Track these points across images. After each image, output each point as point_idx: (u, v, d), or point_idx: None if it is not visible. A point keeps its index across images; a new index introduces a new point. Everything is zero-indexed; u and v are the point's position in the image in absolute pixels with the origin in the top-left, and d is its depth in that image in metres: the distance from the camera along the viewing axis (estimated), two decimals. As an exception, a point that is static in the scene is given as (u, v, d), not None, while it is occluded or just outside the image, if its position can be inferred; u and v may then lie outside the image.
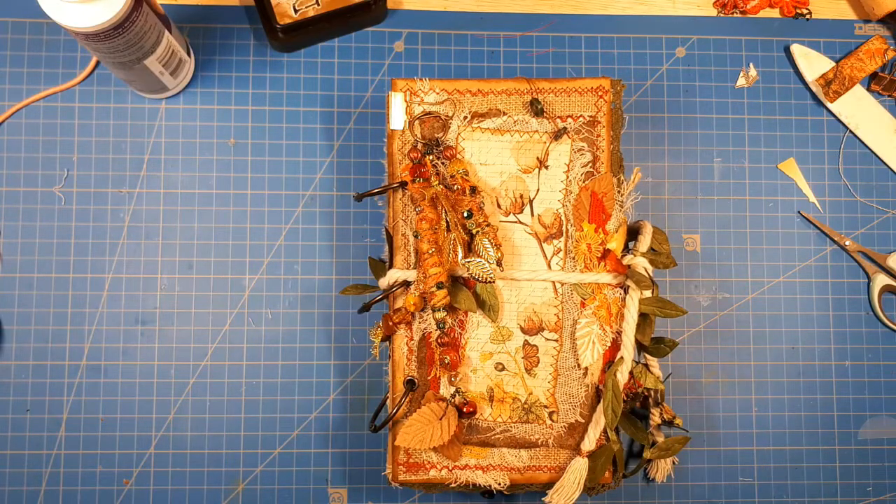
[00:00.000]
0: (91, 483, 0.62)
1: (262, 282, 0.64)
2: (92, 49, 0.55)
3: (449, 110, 0.57)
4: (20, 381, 0.62)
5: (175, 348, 0.63)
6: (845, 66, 0.66)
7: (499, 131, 0.57)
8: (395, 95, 0.56)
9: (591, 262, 0.56)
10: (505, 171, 0.57)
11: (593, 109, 0.57)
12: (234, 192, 0.64)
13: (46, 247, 0.63)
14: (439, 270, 0.53)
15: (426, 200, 0.54)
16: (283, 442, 0.63)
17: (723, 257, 0.66)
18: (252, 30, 0.66)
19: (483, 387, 0.56)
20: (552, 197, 0.57)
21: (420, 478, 0.55)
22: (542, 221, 0.56)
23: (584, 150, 0.56)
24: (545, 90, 0.57)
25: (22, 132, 0.64)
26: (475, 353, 0.56)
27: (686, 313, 0.55)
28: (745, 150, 0.67)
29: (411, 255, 0.56)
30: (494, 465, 0.56)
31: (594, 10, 0.68)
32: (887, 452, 0.65)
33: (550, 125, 0.57)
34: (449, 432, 0.53)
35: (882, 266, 0.66)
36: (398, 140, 0.57)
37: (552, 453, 0.56)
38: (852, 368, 0.66)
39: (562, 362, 0.56)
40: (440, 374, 0.55)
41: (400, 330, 0.55)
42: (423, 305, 0.55)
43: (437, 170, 0.56)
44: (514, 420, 0.55)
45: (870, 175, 0.67)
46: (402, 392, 0.55)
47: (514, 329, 0.56)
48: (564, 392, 0.56)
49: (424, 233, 0.53)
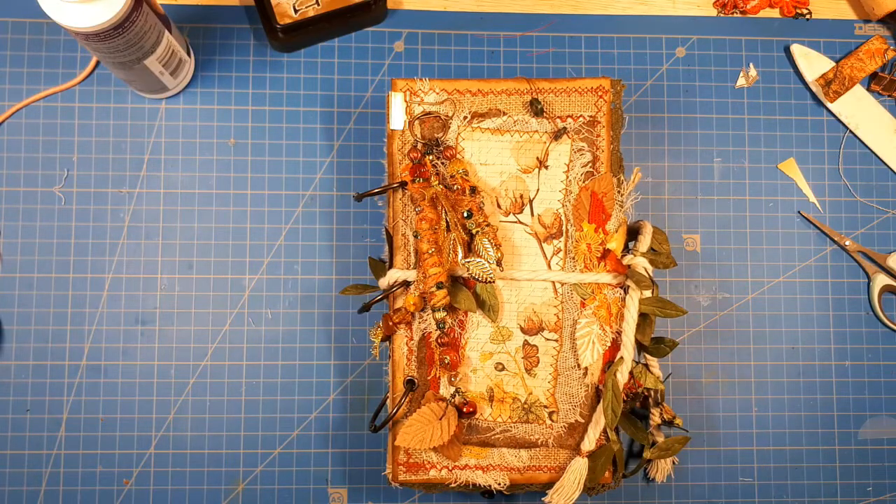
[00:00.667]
0: (91, 483, 0.62)
1: (262, 282, 0.64)
2: (92, 49, 0.55)
3: (449, 110, 0.57)
4: (20, 381, 0.62)
5: (175, 348, 0.63)
6: (845, 66, 0.66)
7: (499, 131, 0.57)
8: (395, 95, 0.56)
9: (591, 262, 0.56)
10: (505, 171, 0.57)
11: (593, 109, 0.57)
12: (234, 192, 0.64)
13: (46, 247, 0.63)
14: (439, 270, 0.53)
15: (426, 200, 0.54)
16: (283, 442, 0.63)
17: (723, 257, 0.66)
18: (252, 30, 0.66)
19: (483, 387, 0.56)
20: (552, 197, 0.57)
21: (420, 478, 0.55)
22: (542, 221, 0.56)
23: (584, 150, 0.56)
24: (545, 90, 0.57)
25: (22, 132, 0.64)
26: (475, 353, 0.56)
27: (686, 313, 0.55)
28: (745, 150, 0.67)
29: (411, 255, 0.56)
30: (494, 465, 0.56)
31: (594, 10, 0.68)
32: (887, 452, 0.65)
33: (550, 125, 0.57)
34: (449, 432, 0.53)
35: (882, 266, 0.66)
36: (398, 140, 0.57)
37: (552, 453, 0.56)
38: (852, 368, 0.66)
39: (562, 362, 0.56)
40: (440, 374, 0.55)
41: (400, 330, 0.55)
42: (422, 305, 0.55)
43: (436, 170, 0.56)
44: (514, 420, 0.55)
45: (870, 175, 0.67)
46: (402, 392, 0.55)
47: (514, 329, 0.56)
48: (564, 392, 0.56)
49: (424, 233, 0.53)
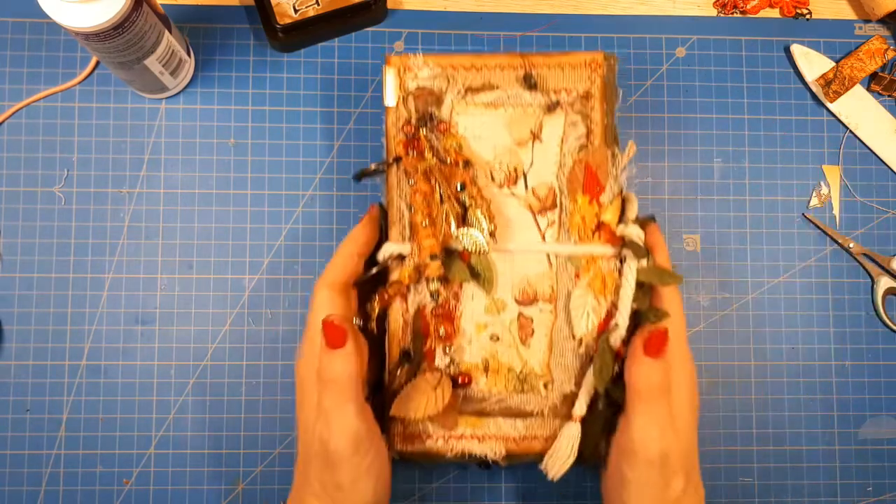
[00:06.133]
0: (91, 483, 0.62)
1: (262, 282, 0.64)
2: (92, 49, 0.55)
3: (443, 85, 0.57)
4: (20, 381, 0.62)
5: (175, 348, 0.63)
6: (845, 66, 0.66)
7: (492, 105, 0.57)
8: (389, 71, 0.57)
9: (586, 233, 0.56)
10: (499, 144, 0.57)
11: (587, 83, 0.57)
12: (234, 192, 0.64)
13: (46, 247, 0.63)
14: (433, 242, 0.53)
15: (420, 174, 0.54)
16: (283, 442, 0.63)
17: (723, 257, 0.66)
18: (252, 30, 0.66)
19: (478, 358, 0.56)
20: (546, 170, 0.57)
21: (416, 448, 0.55)
22: (537, 194, 0.57)
23: (578, 123, 0.57)
24: (539, 64, 0.57)
25: (22, 132, 0.64)
26: (470, 325, 0.56)
27: (682, 280, 0.55)
28: (745, 150, 0.67)
29: (406, 229, 0.56)
30: (490, 435, 0.56)
31: (594, 10, 0.68)
32: (887, 452, 0.65)
33: (544, 99, 0.57)
34: (443, 402, 0.53)
35: (886, 269, 0.66)
36: (393, 115, 0.57)
37: (547, 423, 0.56)
38: (852, 368, 0.66)
39: (556, 333, 0.56)
40: (435, 345, 0.55)
41: (395, 303, 0.56)
42: (417, 278, 0.55)
43: (430, 144, 0.56)
44: (509, 390, 0.56)
45: (870, 175, 0.67)
46: (397, 364, 0.55)
47: (509, 301, 0.56)
48: (559, 362, 0.56)
49: (418, 205, 0.54)
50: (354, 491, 0.49)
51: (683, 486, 0.51)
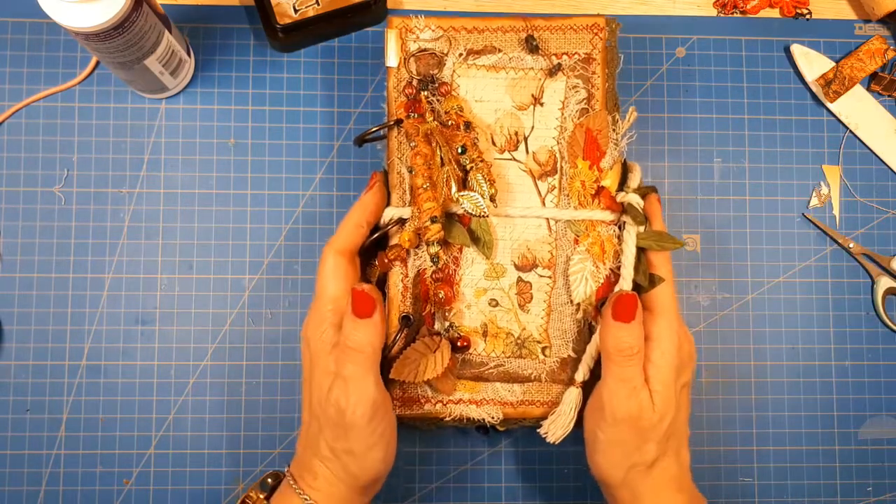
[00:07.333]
0: (91, 483, 0.62)
1: (262, 282, 0.64)
2: (92, 49, 0.55)
3: (444, 47, 0.57)
4: (20, 381, 0.62)
5: (175, 348, 0.63)
6: (845, 66, 0.66)
7: (494, 68, 0.57)
8: (391, 32, 0.56)
9: (586, 199, 0.56)
10: (500, 107, 0.57)
11: (588, 47, 0.57)
12: (234, 192, 0.64)
13: (46, 247, 0.63)
14: (433, 205, 0.53)
15: (420, 136, 0.54)
16: (283, 442, 0.63)
17: (723, 257, 0.66)
18: (252, 30, 0.66)
19: (477, 322, 0.56)
20: (547, 134, 0.57)
21: (415, 412, 0.56)
22: (537, 159, 0.56)
23: (580, 87, 0.57)
24: (540, 27, 0.57)
25: (22, 132, 0.64)
26: (469, 290, 0.56)
27: (683, 245, 0.55)
28: (745, 150, 0.67)
29: (406, 194, 0.56)
30: (488, 400, 0.56)
31: (594, 10, 0.68)
32: (887, 452, 0.65)
33: (546, 62, 0.57)
34: (442, 365, 0.53)
35: (886, 269, 0.66)
36: (394, 78, 0.57)
37: (545, 388, 0.56)
38: (852, 368, 0.66)
39: (555, 298, 0.56)
40: (434, 309, 0.55)
41: (395, 267, 0.55)
42: (417, 242, 0.55)
43: (431, 106, 0.56)
44: (507, 355, 0.56)
45: (870, 175, 0.67)
46: (397, 328, 0.55)
47: (508, 266, 0.56)
48: (557, 328, 0.56)
49: (419, 168, 0.53)
50: (366, 457, 0.50)
51: (656, 455, 0.50)
